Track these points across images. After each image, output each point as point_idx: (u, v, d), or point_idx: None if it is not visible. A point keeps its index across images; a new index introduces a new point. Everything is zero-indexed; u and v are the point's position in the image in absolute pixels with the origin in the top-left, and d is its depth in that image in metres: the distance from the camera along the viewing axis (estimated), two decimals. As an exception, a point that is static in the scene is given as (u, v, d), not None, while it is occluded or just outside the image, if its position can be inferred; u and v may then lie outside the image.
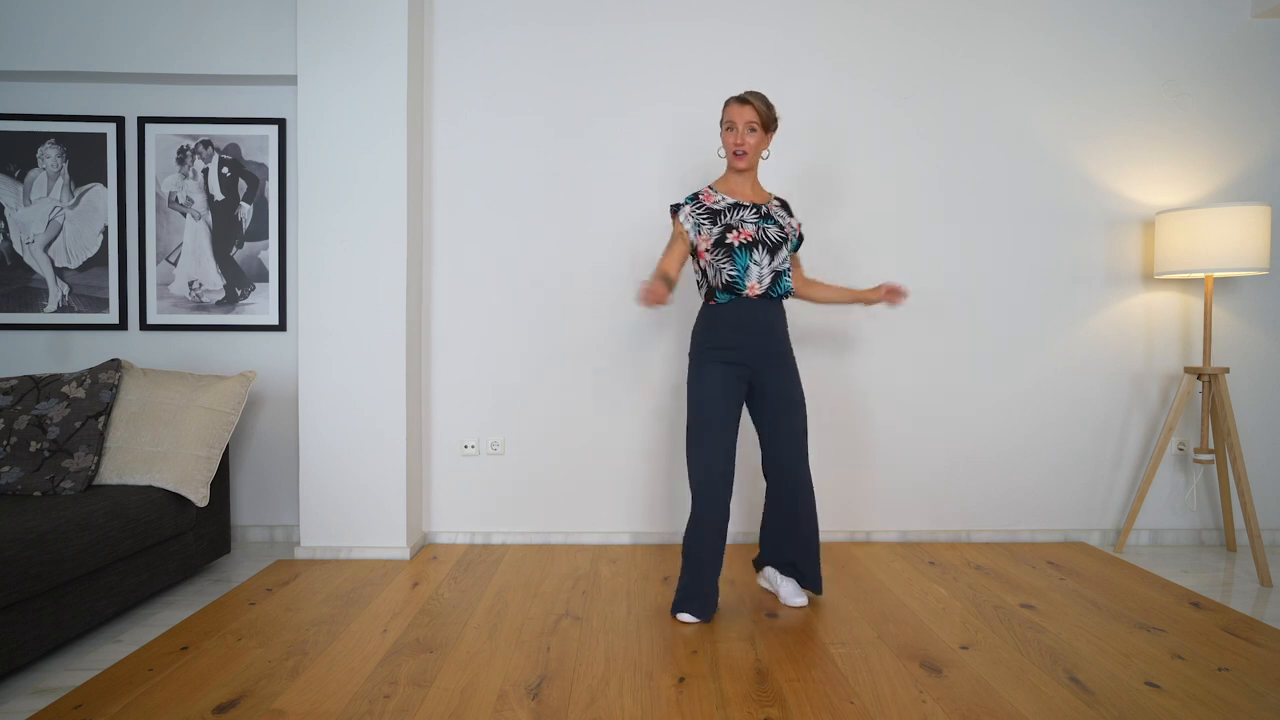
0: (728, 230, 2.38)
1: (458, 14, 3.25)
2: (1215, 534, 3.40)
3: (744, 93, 2.40)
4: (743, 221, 2.40)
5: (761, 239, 2.39)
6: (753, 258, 2.38)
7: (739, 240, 2.38)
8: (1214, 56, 3.33)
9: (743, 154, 2.39)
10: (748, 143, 2.38)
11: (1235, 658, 2.18)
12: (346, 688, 1.97)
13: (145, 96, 3.28)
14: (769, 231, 2.41)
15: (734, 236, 2.38)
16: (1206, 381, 3.13)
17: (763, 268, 2.39)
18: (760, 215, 2.43)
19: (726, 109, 2.41)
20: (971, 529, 3.38)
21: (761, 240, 2.39)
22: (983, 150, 3.32)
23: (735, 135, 2.38)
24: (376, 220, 3.03)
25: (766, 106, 2.39)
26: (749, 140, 2.38)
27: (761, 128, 2.39)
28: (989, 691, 1.96)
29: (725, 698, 1.92)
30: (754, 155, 2.41)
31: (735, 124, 2.38)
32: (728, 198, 2.45)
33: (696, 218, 2.43)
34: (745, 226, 2.39)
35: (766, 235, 2.40)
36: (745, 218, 2.41)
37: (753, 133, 2.38)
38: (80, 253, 3.28)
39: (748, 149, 2.39)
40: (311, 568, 2.96)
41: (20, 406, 2.64)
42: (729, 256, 2.38)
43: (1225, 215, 2.96)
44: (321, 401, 3.05)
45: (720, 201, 2.44)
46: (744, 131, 2.38)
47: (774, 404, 2.45)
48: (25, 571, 2.00)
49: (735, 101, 2.39)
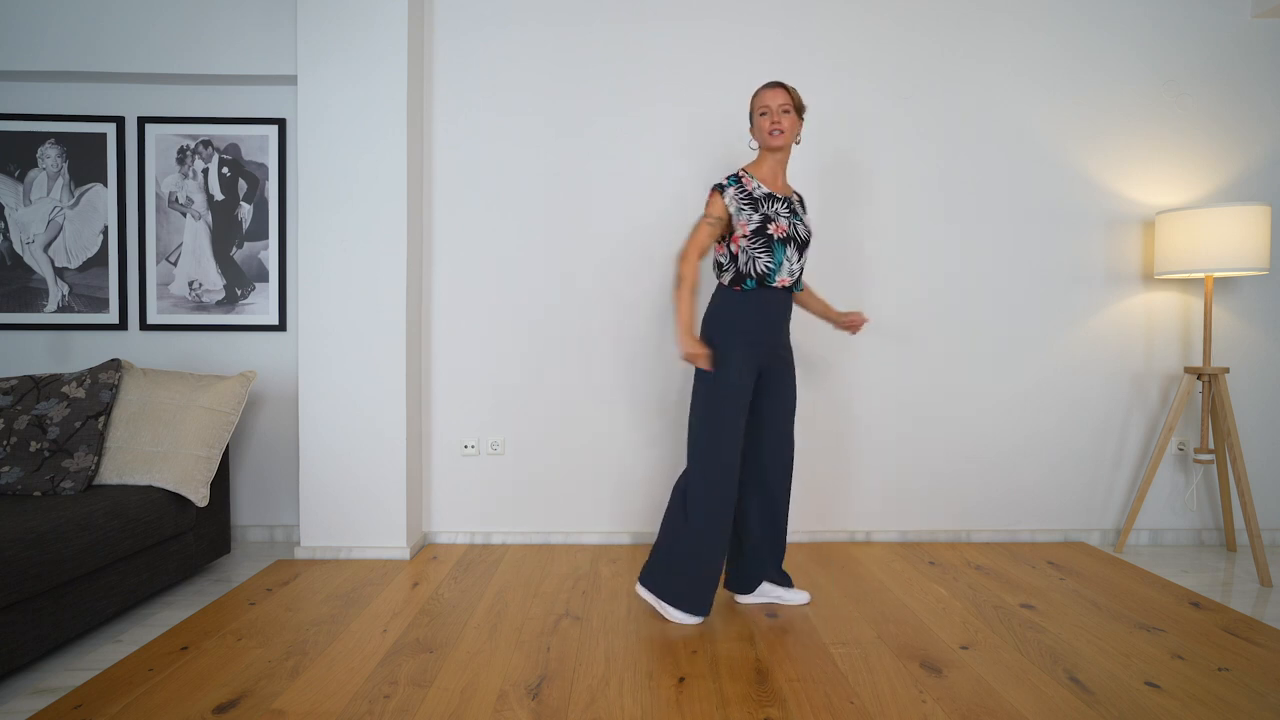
0: (767, 221, 2.38)
1: (457, 14, 3.25)
2: (1215, 534, 3.40)
3: (772, 80, 2.46)
4: (778, 214, 2.39)
5: (794, 235, 2.41)
6: (786, 253, 2.40)
7: (779, 234, 2.38)
8: (1214, 56, 3.33)
9: (780, 133, 2.38)
10: (784, 123, 2.39)
11: (1235, 658, 2.18)
12: (346, 688, 1.97)
13: (145, 96, 3.28)
14: (799, 229, 2.43)
15: (774, 229, 2.37)
16: (1206, 381, 3.13)
17: (793, 263, 2.42)
18: (790, 210, 2.44)
19: (758, 96, 2.42)
20: (971, 529, 3.38)
21: (794, 236, 2.41)
22: (983, 150, 3.32)
23: (771, 116, 2.39)
24: (376, 220, 3.03)
25: (796, 92, 2.44)
26: (784, 121, 2.39)
27: (795, 110, 2.41)
28: (989, 691, 1.96)
29: (725, 698, 1.92)
30: (790, 135, 2.41)
31: (770, 107, 2.39)
32: (763, 187, 2.44)
33: (739, 201, 2.41)
34: (780, 220, 2.39)
35: (797, 232, 2.42)
36: (780, 210, 2.40)
37: (787, 114, 2.39)
38: (80, 253, 3.28)
39: (784, 128, 2.39)
40: (311, 568, 2.96)
41: (20, 406, 2.64)
42: (768, 248, 2.37)
43: (1225, 215, 2.95)
44: (321, 401, 3.05)
45: (758, 189, 2.43)
46: (778, 112, 2.39)
47: (776, 396, 2.47)
48: (25, 571, 2.00)
49: (767, 88, 2.41)
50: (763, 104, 2.41)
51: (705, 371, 2.39)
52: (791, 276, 2.42)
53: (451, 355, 3.30)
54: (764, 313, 2.41)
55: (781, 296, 2.44)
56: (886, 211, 3.32)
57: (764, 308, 2.41)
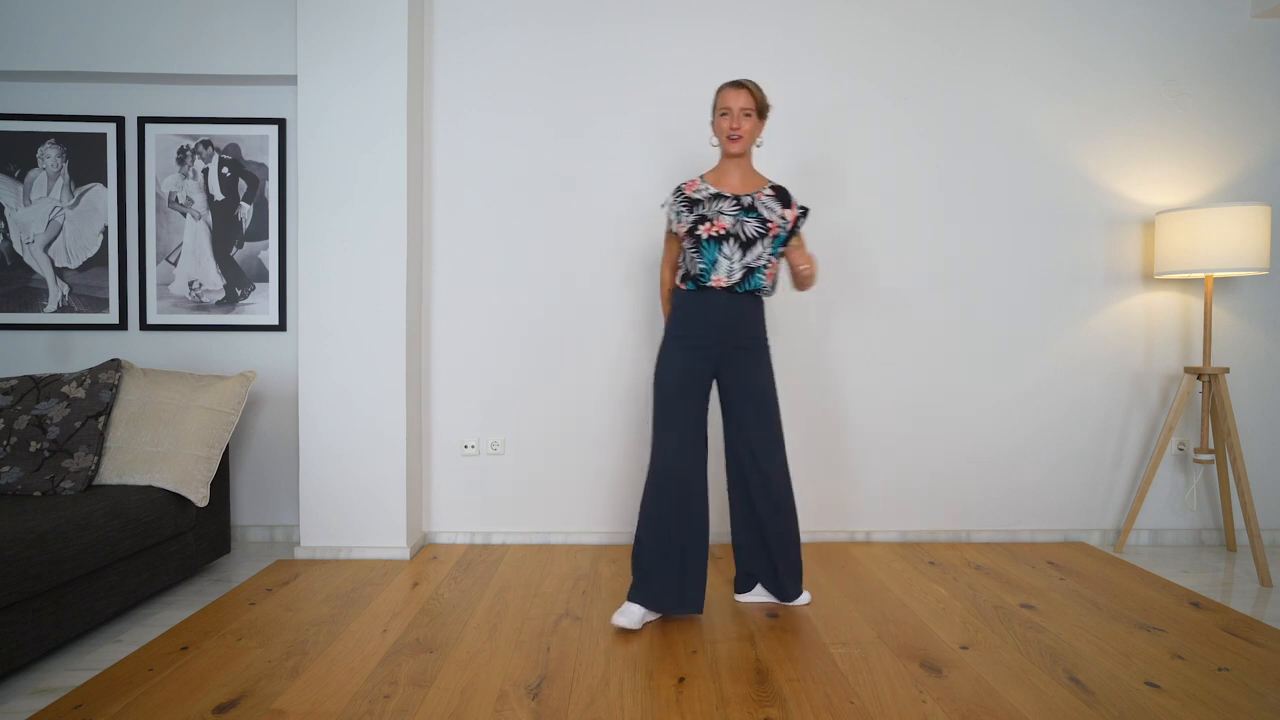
0: (700, 221, 2.36)
1: (458, 14, 3.25)
2: (1215, 534, 3.40)
3: (738, 79, 2.39)
4: (720, 213, 2.37)
5: (736, 232, 2.35)
6: (722, 251, 2.35)
7: (708, 233, 2.35)
8: (1214, 56, 3.33)
9: (737, 138, 2.36)
10: (743, 127, 2.36)
11: (1235, 658, 2.18)
12: (346, 688, 1.97)
13: (145, 96, 3.28)
14: (746, 226, 2.36)
15: (705, 229, 2.35)
16: (1206, 381, 3.13)
17: (733, 261, 2.36)
18: (742, 208, 2.38)
19: (721, 94, 2.38)
20: (971, 529, 3.38)
21: (736, 234, 2.35)
22: (983, 150, 3.32)
23: (730, 119, 2.36)
24: (376, 220, 3.03)
25: (760, 92, 2.38)
26: (744, 125, 2.36)
27: (756, 113, 2.38)
28: (989, 691, 1.96)
29: (725, 698, 1.92)
30: (748, 140, 2.39)
31: (731, 109, 2.36)
32: (711, 188, 2.43)
33: (677, 207, 2.44)
34: (721, 218, 2.36)
35: (743, 229, 2.36)
36: (724, 209, 2.37)
37: (748, 117, 2.36)
38: (80, 253, 3.28)
39: (743, 133, 2.36)
40: (311, 568, 2.96)
41: (20, 406, 2.64)
42: (697, 248, 2.37)
43: (1225, 215, 2.95)
44: (321, 401, 3.05)
45: (702, 191, 2.42)
46: (739, 116, 2.36)
47: (734, 394, 2.43)
48: (25, 571, 2.00)
49: (730, 87, 2.37)
50: (724, 104, 2.37)
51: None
52: (730, 276, 2.36)
53: (451, 355, 3.30)
54: (701, 312, 2.39)
55: (723, 298, 2.38)
56: (887, 212, 3.31)
57: (701, 307, 2.39)
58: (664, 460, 2.36)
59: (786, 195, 2.47)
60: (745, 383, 2.42)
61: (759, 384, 2.42)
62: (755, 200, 2.41)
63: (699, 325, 2.39)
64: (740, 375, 2.42)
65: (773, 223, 2.39)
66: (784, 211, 2.43)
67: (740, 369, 2.42)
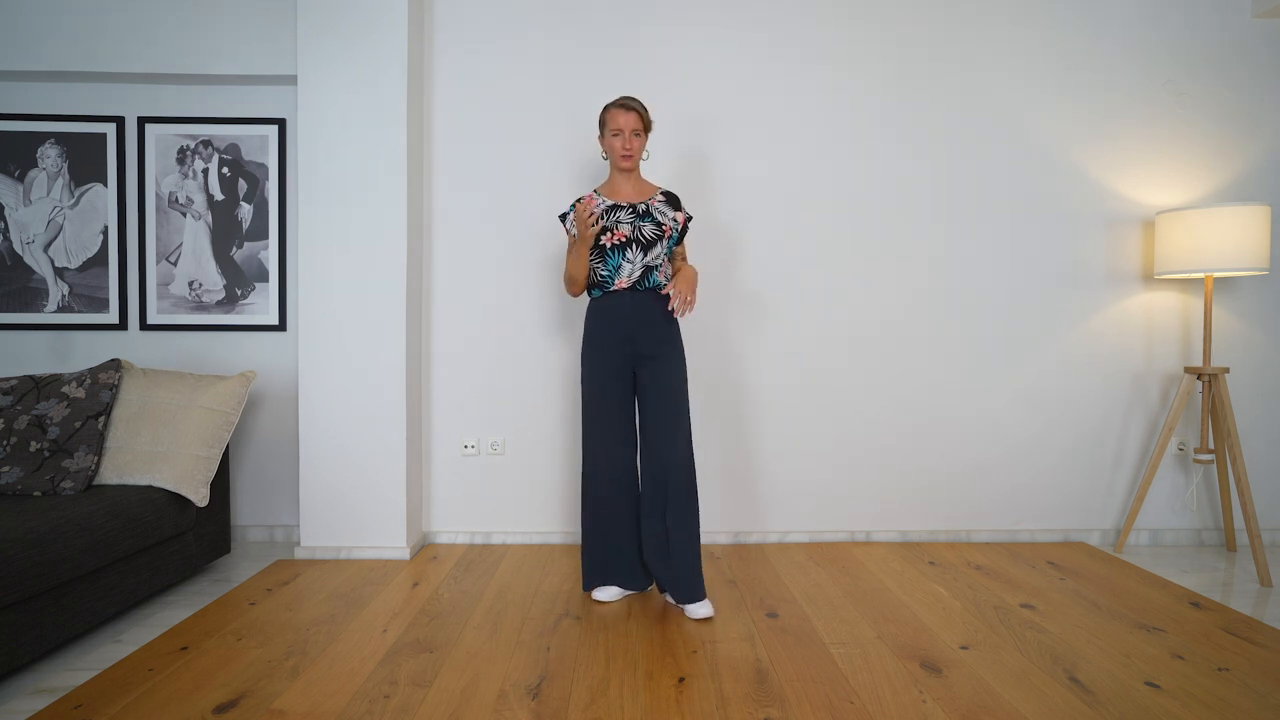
0: (601, 233, 2.52)
1: (458, 13, 3.25)
2: (1215, 534, 3.40)
3: (625, 98, 2.53)
4: (618, 223, 2.52)
5: (636, 238, 2.51)
6: (625, 256, 2.51)
7: (610, 242, 2.51)
8: (1214, 56, 3.33)
9: (629, 156, 2.53)
10: (634, 146, 2.53)
11: (1235, 658, 2.18)
12: (346, 688, 1.97)
13: (145, 96, 3.28)
14: (644, 230, 2.52)
15: (607, 239, 2.51)
16: (1206, 381, 3.13)
17: (634, 264, 2.51)
18: (637, 214, 2.54)
19: (611, 115, 2.52)
20: (971, 529, 3.38)
21: (636, 239, 2.51)
22: (983, 150, 3.32)
23: (623, 140, 2.52)
24: (376, 220, 3.03)
25: (646, 112, 2.55)
26: (635, 144, 2.53)
27: (644, 131, 2.55)
28: (989, 691, 1.96)
29: (725, 698, 1.92)
30: (638, 156, 2.56)
31: (623, 130, 2.51)
32: (607, 200, 2.57)
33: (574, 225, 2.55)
34: (620, 227, 2.51)
35: (641, 234, 2.51)
36: (621, 219, 2.53)
37: (638, 136, 2.53)
38: (80, 253, 3.28)
39: (633, 152, 2.53)
40: (311, 568, 2.96)
41: (20, 406, 2.64)
42: (601, 257, 2.53)
43: (1225, 215, 2.95)
44: (321, 401, 3.05)
45: (600, 205, 2.56)
46: (630, 136, 2.52)
47: (647, 390, 2.53)
48: (25, 571, 2.00)
49: (619, 109, 2.50)
50: (616, 125, 2.51)
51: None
52: (630, 277, 2.51)
53: (452, 355, 3.30)
54: (609, 316, 2.53)
55: (626, 298, 2.52)
56: (887, 211, 3.31)
57: (608, 312, 2.53)
58: (594, 462, 2.56)
59: (676, 200, 2.65)
60: (657, 379, 2.53)
61: (669, 380, 2.53)
62: (650, 206, 2.57)
63: (609, 327, 2.53)
64: (652, 372, 2.53)
65: (666, 225, 2.56)
66: (675, 214, 2.61)
67: (651, 366, 2.54)
